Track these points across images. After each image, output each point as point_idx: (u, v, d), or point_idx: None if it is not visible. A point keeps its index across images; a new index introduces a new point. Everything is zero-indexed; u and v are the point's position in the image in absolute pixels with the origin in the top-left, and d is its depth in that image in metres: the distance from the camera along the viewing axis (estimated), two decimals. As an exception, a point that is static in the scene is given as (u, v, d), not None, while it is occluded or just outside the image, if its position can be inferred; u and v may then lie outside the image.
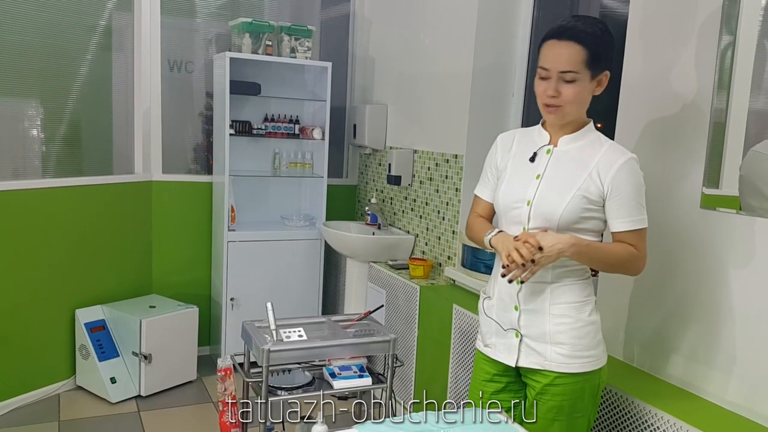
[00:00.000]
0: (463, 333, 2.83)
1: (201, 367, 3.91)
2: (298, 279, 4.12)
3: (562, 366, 1.80)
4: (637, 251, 1.78)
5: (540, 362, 1.83)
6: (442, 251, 3.50)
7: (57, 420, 3.32)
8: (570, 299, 1.81)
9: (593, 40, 1.71)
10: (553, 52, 1.73)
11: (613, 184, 1.74)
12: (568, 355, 1.80)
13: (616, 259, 1.79)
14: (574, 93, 1.73)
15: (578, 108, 1.78)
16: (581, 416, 1.85)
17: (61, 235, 3.54)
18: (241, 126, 3.96)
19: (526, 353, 1.86)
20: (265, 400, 2.22)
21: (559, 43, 1.72)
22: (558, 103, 1.75)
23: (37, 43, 3.41)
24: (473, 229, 1.99)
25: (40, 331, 3.51)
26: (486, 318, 1.96)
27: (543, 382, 1.83)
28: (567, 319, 1.80)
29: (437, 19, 3.53)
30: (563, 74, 1.72)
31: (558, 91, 1.73)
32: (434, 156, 3.55)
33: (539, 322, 1.82)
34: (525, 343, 1.85)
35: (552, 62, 1.73)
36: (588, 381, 1.83)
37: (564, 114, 1.77)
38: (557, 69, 1.72)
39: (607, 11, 2.91)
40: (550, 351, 1.81)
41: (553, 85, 1.73)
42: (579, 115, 1.80)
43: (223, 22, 4.04)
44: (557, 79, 1.73)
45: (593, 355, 1.83)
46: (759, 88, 1.91)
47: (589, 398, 1.85)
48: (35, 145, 3.55)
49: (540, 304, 1.82)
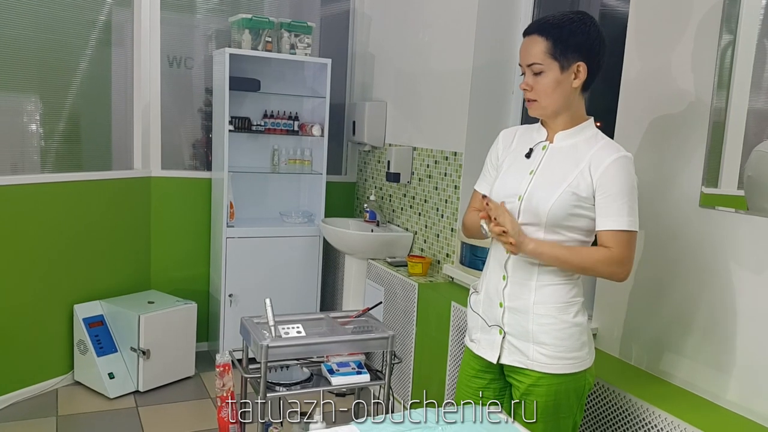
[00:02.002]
0: (461, 330, 2.83)
1: (199, 362, 3.91)
2: (297, 275, 4.12)
3: (545, 366, 1.80)
4: (611, 253, 1.72)
5: (523, 361, 1.83)
6: (440, 249, 3.50)
7: (55, 415, 3.32)
8: (554, 300, 1.79)
9: (558, 32, 1.73)
10: (522, 48, 1.80)
11: (602, 180, 1.72)
12: (551, 355, 1.79)
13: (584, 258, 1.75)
14: (542, 85, 1.76)
15: (557, 101, 1.78)
16: (567, 417, 1.85)
17: (59, 231, 3.54)
18: (240, 122, 3.96)
19: (508, 351, 1.85)
20: (264, 396, 2.23)
21: (525, 39, 1.80)
22: (532, 97, 1.80)
23: (37, 38, 3.41)
24: (468, 222, 2.01)
25: (38, 326, 3.51)
26: (472, 313, 1.98)
27: (527, 383, 1.83)
28: (550, 320, 1.79)
29: (437, 17, 3.53)
30: (530, 67, 1.77)
31: (528, 84, 1.79)
32: (433, 153, 3.55)
33: (522, 320, 1.82)
34: (508, 341, 1.85)
35: (521, 57, 1.80)
36: (573, 382, 1.82)
37: (542, 107, 1.80)
38: (525, 63, 1.79)
39: (607, 10, 2.91)
40: (532, 350, 1.81)
41: (526, 79, 1.80)
42: (561, 108, 1.79)
43: (223, 18, 4.04)
44: (528, 73, 1.79)
45: (577, 357, 1.81)
46: (759, 88, 1.91)
47: (574, 399, 1.84)
48: (34, 140, 3.54)
49: (524, 302, 1.81)
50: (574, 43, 1.73)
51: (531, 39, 1.77)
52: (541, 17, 1.80)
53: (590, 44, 1.74)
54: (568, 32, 1.73)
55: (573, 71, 1.75)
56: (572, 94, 1.78)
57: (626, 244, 1.72)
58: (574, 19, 1.75)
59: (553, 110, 1.80)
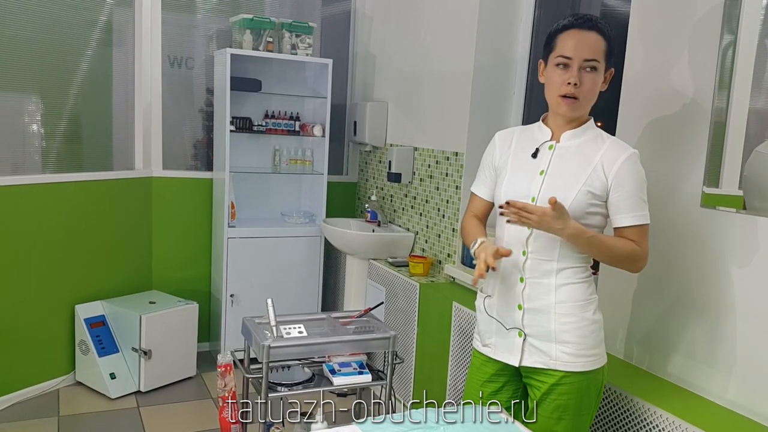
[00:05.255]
0: (462, 330, 2.83)
1: (200, 363, 3.91)
2: (298, 276, 4.12)
3: (569, 365, 1.80)
4: (638, 247, 1.78)
5: (545, 361, 1.83)
6: (441, 249, 3.50)
7: (56, 415, 3.32)
8: (575, 298, 1.81)
9: (610, 34, 1.76)
10: (576, 40, 1.73)
11: (617, 178, 1.75)
12: (574, 353, 1.80)
13: (616, 252, 1.79)
14: (592, 83, 1.75)
15: (591, 102, 1.80)
16: (587, 414, 1.87)
17: (61, 231, 3.54)
18: (241, 122, 3.96)
19: (530, 353, 1.85)
20: (265, 396, 2.23)
21: (581, 32, 1.73)
22: (577, 95, 1.74)
23: (38, 38, 3.41)
24: (464, 231, 2.01)
25: (39, 327, 3.51)
26: (486, 317, 1.94)
27: (549, 382, 1.83)
28: (572, 318, 1.80)
29: (438, 17, 3.53)
30: (587, 62, 1.73)
31: (580, 79, 1.73)
32: (435, 153, 3.55)
33: (544, 321, 1.81)
34: (529, 343, 1.84)
35: (575, 50, 1.72)
36: (593, 379, 1.84)
37: (581, 107, 1.78)
38: (582, 57, 1.72)
39: (609, 10, 2.91)
40: (555, 350, 1.81)
41: (575, 73, 1.73)
42: (587, 111, 1.82)
43: (224, 18, 4.04)
44: (579, 68, 1.73)
45: (597, 354, 1.84)
46: (760, 88, 1.91)
47: (594, 396, 1.86)
48: (35, 141, 3.54)
49: (545, 302, 1.81)
50: (615, 49, 1.78)
51: (589, 35, 1.73)
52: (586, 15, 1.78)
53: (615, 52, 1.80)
54: (612, 37, 1.76)
55: (605, 76, 1.79)
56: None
57: (645, 236, 1.80)
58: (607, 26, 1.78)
59: (585, 111, 1.81)
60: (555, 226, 1.70)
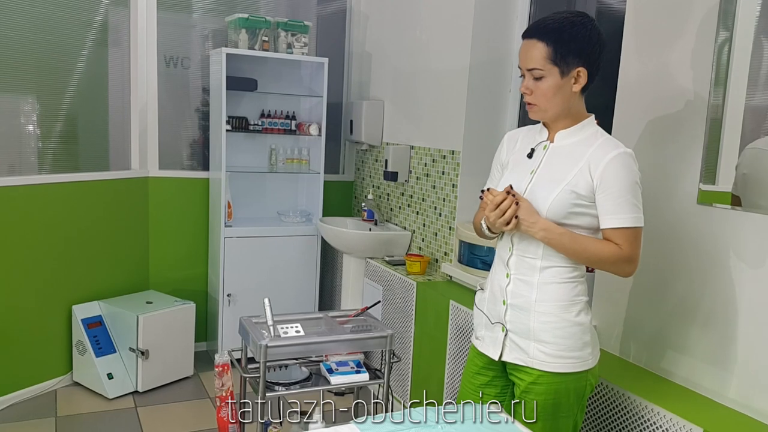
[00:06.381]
0: (459, 329, 2.83)
1: (198, 362, 3.91)
2: (295, 275, 4.12)
3: (545, 364, 1.79)
4: (621, 251, 1.72)
5: (523, 358, 1.83)
6: (438, 247, 3.50)
7: (54, 416, 3.32)
8: (556, 298, 1.79)
9: (558, 36, 1.71)
10: (522, 50, 1.78)
11: (602, 177, 1.71)
12: (551, 354, 1.79)
13: (592, 253, 1.74)
14: (542, 90, 1.75)
15: (557, 105, 1.77)
16: (566, 417, 1.84)
17: (57, 231, 3.53)
18: (237, 122, 3.95)
19: (510, 348, 1.86)
20: (263, 396, 2.23)
21: (525, 42, 1.78)
22: (532, 101, 1.79)
23: (33, 38, 3.40)
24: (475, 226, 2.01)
25: (36, 327, 3.50)
26: (478, 311, 1.98)
27: (527, 380, 1.82)
28: (551, 318, 1.78)
29: (434, 15, 3.53)
30: (530, 72, 1.76)
31: (528, 88, 1.78)
32: (431, 152, 3.55)
33: (524, 317, 1.81)
34: (510, 338, 1.85)
35: (521, 61, 1.78)
36: (573, 382, 1.81)
37: (542, 111, 1.80)
38: (525, 67, 1.77)
39: (604, 7, 2.91)
40: (533, 348, 1.80)
41: (525, 82, 1.79)
42: (562, 112, 1.79)
43: (220, 17, 4.03)
44: (528, 77, 1.77)
45: (578, 357, 1.79)
46: (755, 84, 1.92)
47: (574, 399, 1.83)
48: (31, 141, 3.53)
49: (526, 300, 1.81)
50: (574, 48, 1.71)
51: (530, 43, 1.74)
52: (541, 19, 1.77)
53: (590, 49, 1.73)
54: (569, 37, 1.71)
55: (573, 76, 1.74)
56: (572, 98, 1.77)
57: (633, 241, 1.73)
58: (575, 23, 1.72)
59: (553, 114, 1.80)
60: (528, 219, 1.75)
